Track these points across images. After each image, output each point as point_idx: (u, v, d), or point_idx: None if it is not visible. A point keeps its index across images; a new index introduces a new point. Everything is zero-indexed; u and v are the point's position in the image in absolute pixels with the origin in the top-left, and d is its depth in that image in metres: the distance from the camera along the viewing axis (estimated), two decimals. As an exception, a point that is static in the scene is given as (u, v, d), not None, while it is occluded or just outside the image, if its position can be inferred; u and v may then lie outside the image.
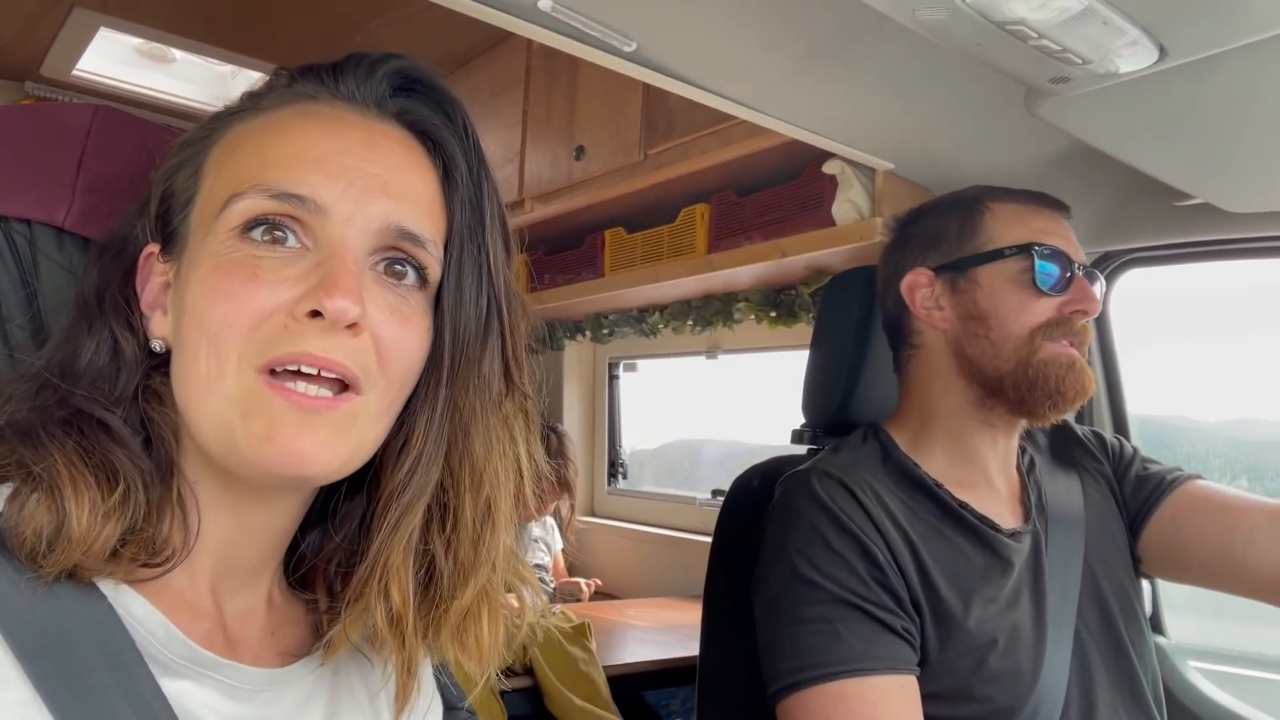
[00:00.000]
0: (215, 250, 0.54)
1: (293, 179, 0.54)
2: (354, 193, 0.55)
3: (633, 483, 3.01)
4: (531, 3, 0.93)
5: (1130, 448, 1.21)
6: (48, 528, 0.48)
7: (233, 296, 0.52)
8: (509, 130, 2.34)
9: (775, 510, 1.07)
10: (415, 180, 0.58)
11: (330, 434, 0.53)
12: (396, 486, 0.58)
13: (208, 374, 0.52)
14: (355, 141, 0.56)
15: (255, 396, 0.51)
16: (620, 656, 1.80)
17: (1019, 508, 1.11)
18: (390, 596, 0.58)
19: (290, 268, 0.53)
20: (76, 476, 0.50)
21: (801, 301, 2.01)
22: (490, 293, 0.60)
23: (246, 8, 2.18)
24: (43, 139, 0.65)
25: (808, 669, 0.93)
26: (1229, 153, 1.03)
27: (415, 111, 0.61)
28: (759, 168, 1.82)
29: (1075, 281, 1.04)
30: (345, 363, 0.53)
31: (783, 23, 0.96)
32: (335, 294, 0.51)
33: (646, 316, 2.53)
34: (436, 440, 0.59)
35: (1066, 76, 0.76)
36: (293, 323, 0.52)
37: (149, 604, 0.53)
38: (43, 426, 0.52)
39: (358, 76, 0.59)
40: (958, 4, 0.64)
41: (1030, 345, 1.02)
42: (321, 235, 0.54)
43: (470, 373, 0.59)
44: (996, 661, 0.97)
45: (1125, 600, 1.09)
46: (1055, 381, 1.01)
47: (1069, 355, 1.02)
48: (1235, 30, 0.66)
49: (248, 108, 0.60)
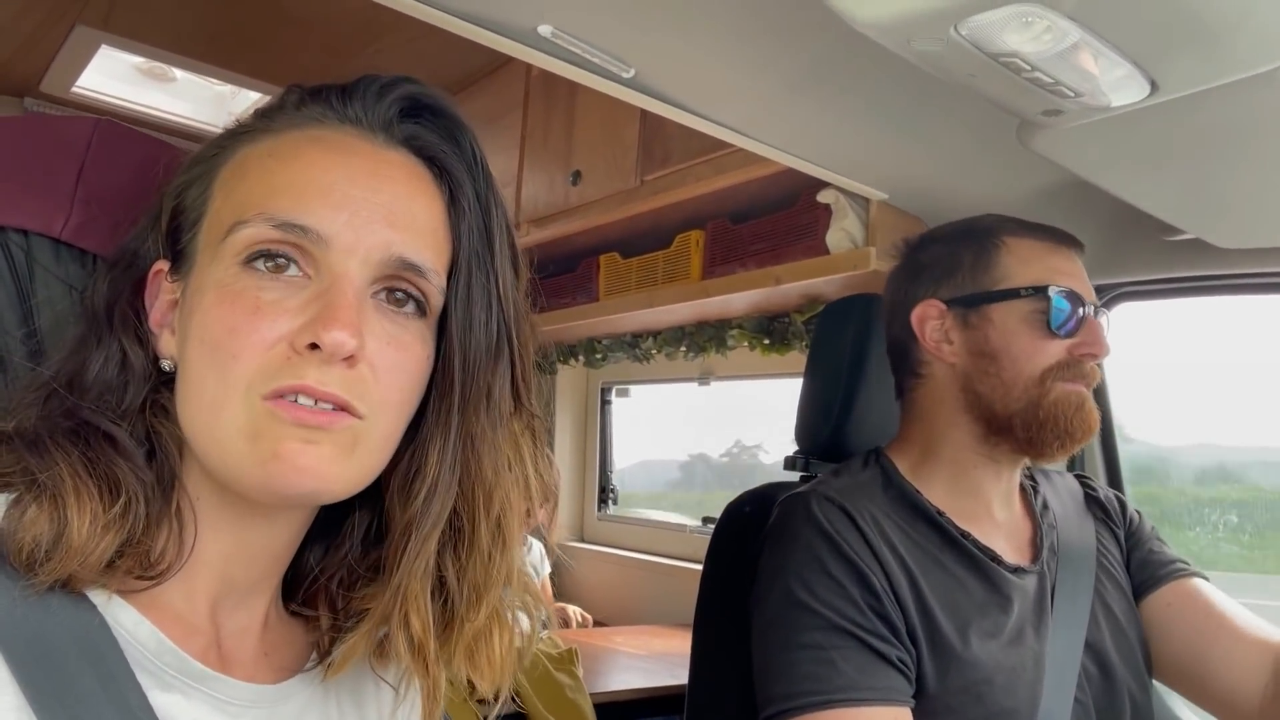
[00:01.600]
0: (220, 279, 0.55)
1: (297, 209, 0.54)
2: (357, 223, 0.55)
3: (623, 507, 3.00)
4: (532, 29, 0.94)
5: (1149, 525, 1.21)
6: (47, 536, 0.49)
7: (237, 330, 0.53)
8: (506, 155, 2.35)
9: (773, 532, 1.06)
10: (420, 209, 0.59)
11: (334, 452, 0.54)
12: (414, 516, 0.59)
13: (214, 402, 0.53)
14: (361, 170, 0.57)
15: (261, 420, 0.52)
16: (607, 684, 1.78)
17: (1028, 547, 1.10)
18: (411, 624, 0.58)
19: (292, 299, 0.54)
20: (80, 486, 0.50)
21: (795, 329, 2.01)
22: (500, 317, 0.61)
23: (248, 29, 2.20)
24: (43, 150, 0.65)
25: (801, 695, 0.92)
26: (1219, 188, 1.04)
27: (423, 138, 0.61)
28: (754, 196, 1.83)
29: (1087, 323, 1.04)
30: (341, 394, 0.53)
31: (778, 51, 0.97)
32: (333, 327, 0.52)
33: (640, 341, 2.53)
34: (451, 467, 0.59)
35: (1059, 109, 0.77)
36: (293, 354, 0.53)
37: (140, 615, 0.53)
38: (49, 436, 0.52)
39: (366, 100, 0.60)
40: (952, 35, 0.65)
41: (1042, 386, 1.02)
42: (323, 265, 0.55)
43: (481, 397, 0.60)
44: (995, 698, 0.96)
45: (1130, 652, 1.08)
46: (1065, 422, 1.01)
47: (1079, 395, 1.03)
48: (1226, 66, 0.67)
49: (257, 128, 0.60)
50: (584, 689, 1.65)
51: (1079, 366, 1.03)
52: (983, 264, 1.08)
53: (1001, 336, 1.04)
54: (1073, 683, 1.01)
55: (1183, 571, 1.13)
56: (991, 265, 1.07)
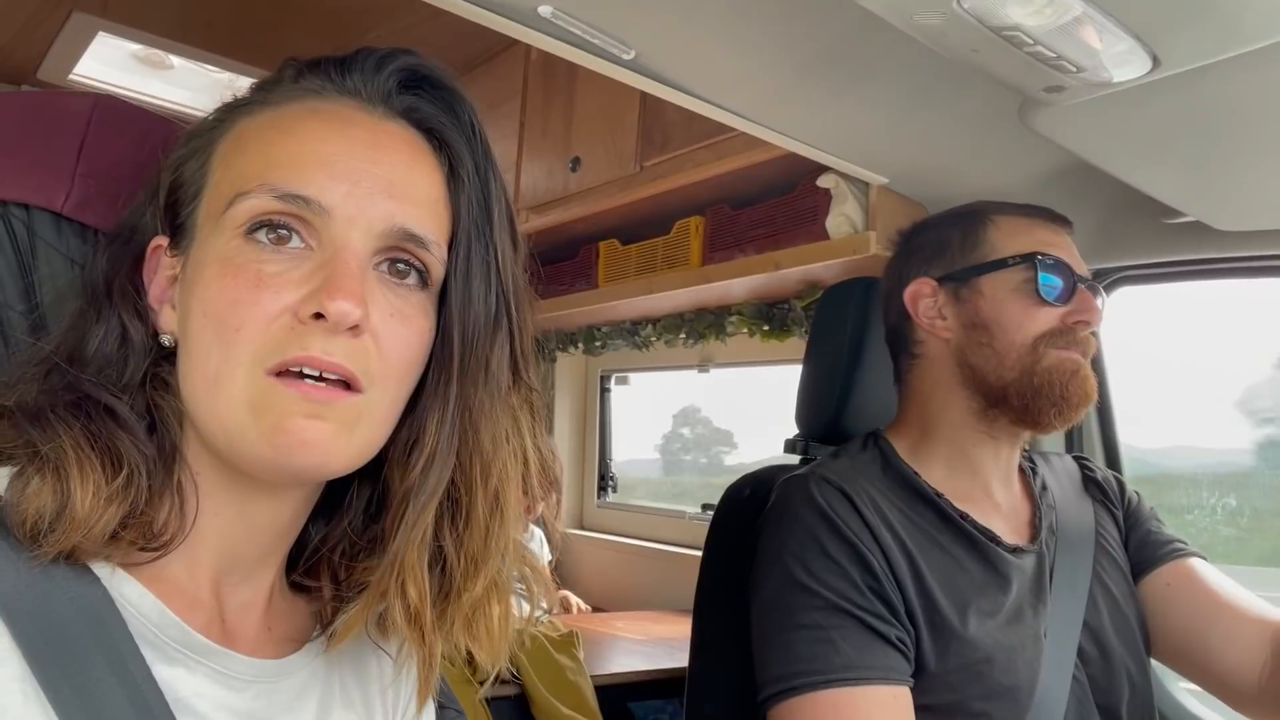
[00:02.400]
0: (221, 252, 0.54)
1: (298, 179, 0.54)
2: (358, 194, 0.55)
3: (623, 496, 3.01)
4: (532, 9, 0.93)
5: (1147, 505, 1.21)
6: (50, 508, 0.49)
7: (240, 302, 0.53)
8: (505, 142, 2.35)
9: (772, 513, 1.06)
10: (420, 180, 0.59)
11: (337, 427, 0.54)
12: (411, 486, 0.59)
13: (218, 376, 0.53)
14: (361, 142, 0.57)
15: (265, 394, 0.52)
16: (608, 667, 1.79)
17: (1026, 528, 1.11)
18: (408, 593, 0.59)
19: (295, 270, 0.54)
20: (82, 459, 0.50)
21: (795, 315, 2.01)
22: (499, 290, 0.61)
23: (245, 16, 2.19)
24: (44, 125, 0.65)
25: (801, 676, 0.93)
26: (1220, 170, 1.04)
27: (422, 109, 0.61)
28: (754, 181, 1.83)
29: (1078, 293, 1.05)
30: (346, 364, 0.53)
31: (780, 35, 0.97)
32: (338, 296, 0.52)
33: (639, 329, 2.53)
34: (449, 438, 0.59)
35: (1061, 85, 0.77)
36: (298, 324, 0.53)
37: (143, 588, 0.53)
38: (51, 409, 0.52)
39: (365, 72, 0.60)
40: (954, 9, 0.64)
41: (1035, 354, 1.02)
42: (325, 236, 0.55)
43: (480, 370, 0.60)
44: (994, 677, 0.96)
45: (1128, 631, 1.09)
46: (1060, 388, 1.01)
47: (1074, 361, 1.03)
48: (1227, 40, 0.67)
49: (255, 100, 0.60)
50: (584, 671, 1.65)
51: (1072, 334, 1.03)
52: (971, 240, 1.10)
53: (992, 306, 1.05)
54: (1071, 662, 1.02)
55: (1181, 551, 1.14)
56: (980, 241, 1.09)
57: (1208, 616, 1.07)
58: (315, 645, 0.64)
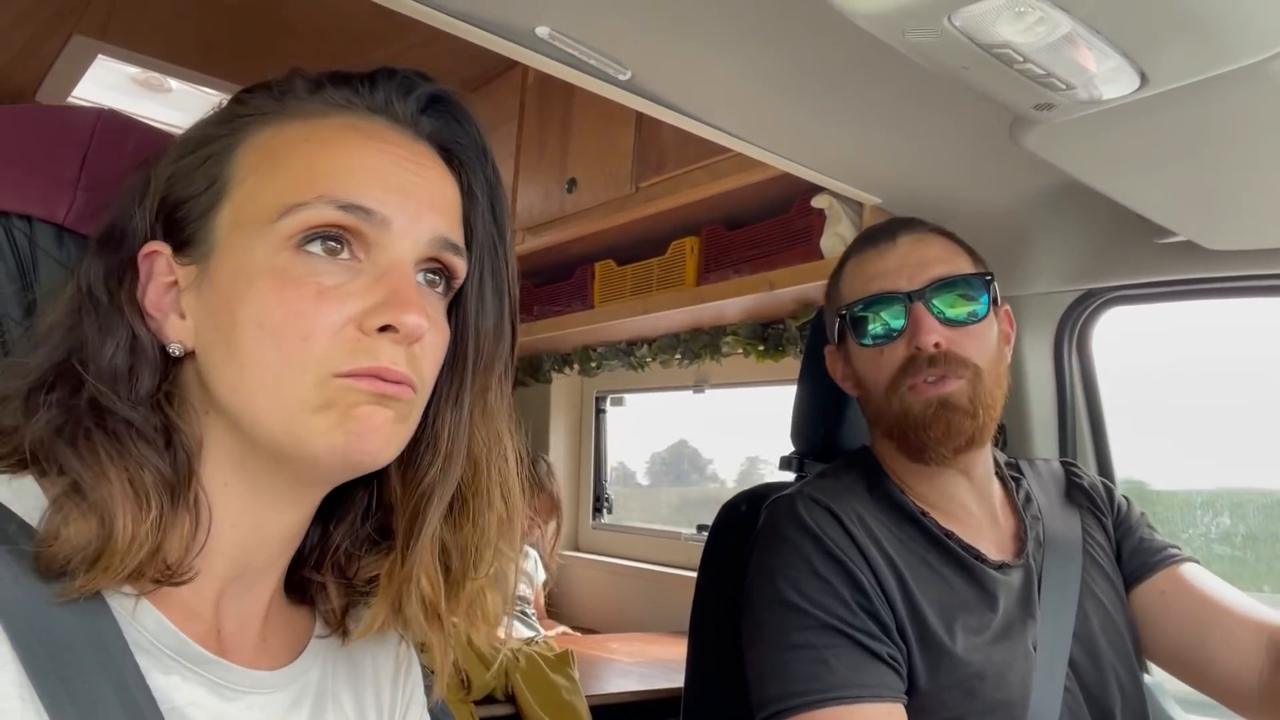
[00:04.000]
0: (272, 264, 0.55)
1: (357, 192, 0.56)
2: (410, 206, 0.57)
3: (618, 517, 3.00)
4: (530, 30, 0.95)
5: (1138, 510, 1.21)
6: (88, 552, 0.49)
7: (303, 314, 0.54)
8: (502, 164, 2.32)
9: (761, 534, 1.07)
10: (450, 195, 0.62)
11: (396, 420, 0.56)
12: (429, 485, 0.61)
13: (279, 378, 0.54)
14: (403, 159, 0.59)
15: (336, 392, 0.54)
16: (603, 688, 1.78)
17: (1012, 542, 1.10)
18: (423, 586, 0.61)
19: (353, 282, 0.55)
20: (126, 502, 0.51)
21: (789, 335, 2.02)
22: (509, 300, 0.65)
23: (243, 40, 2.21)
24: (47, 138, 0.65)
25: (796, 695, 0.93)
26: (1208, 188, 1.05)
27: (444, 133, 0.64)
28: (748, 202, 1.84)
29: (910, 315, 1.03)
30: (409, 373, 0.56)
31: (774, 56, 0.99)
32: (410, 309, 0.54)
33: (634, 349, 2.54)
34: (461, 440, 0.62)
35: (1051, 103, 0.78)
36: (363, 337, 0.54)
37: (141, 597, 0.53)
38: (86, 431, 0.52)
39: (393, 93, 0.62)
40: (946, 27, 0.66)
41: (888, 400, 1.04)
42: (378, 248, 0.56)
43: (490, 374, 0.63)
44: (987, 693, 0.96)
45: (1119, 640, 1.08)
46: (916, 427, 1.02)
47: (927, 396, 1.01)
48: (1213, 57, 0.68)
49: (270, 110, 0.60)
50: (580, 690, 1.64)
51: (916, 363, 1.02)
52: (832, 297, 1.15)
53: (855, 361, 1.11)
54: (1063, 673, 1.02)
55: (1175, 558, 1.13)
56: (836, 296, 1.14)
57: (1205, 621, 1.07)
58: (310, 655, 0.64)
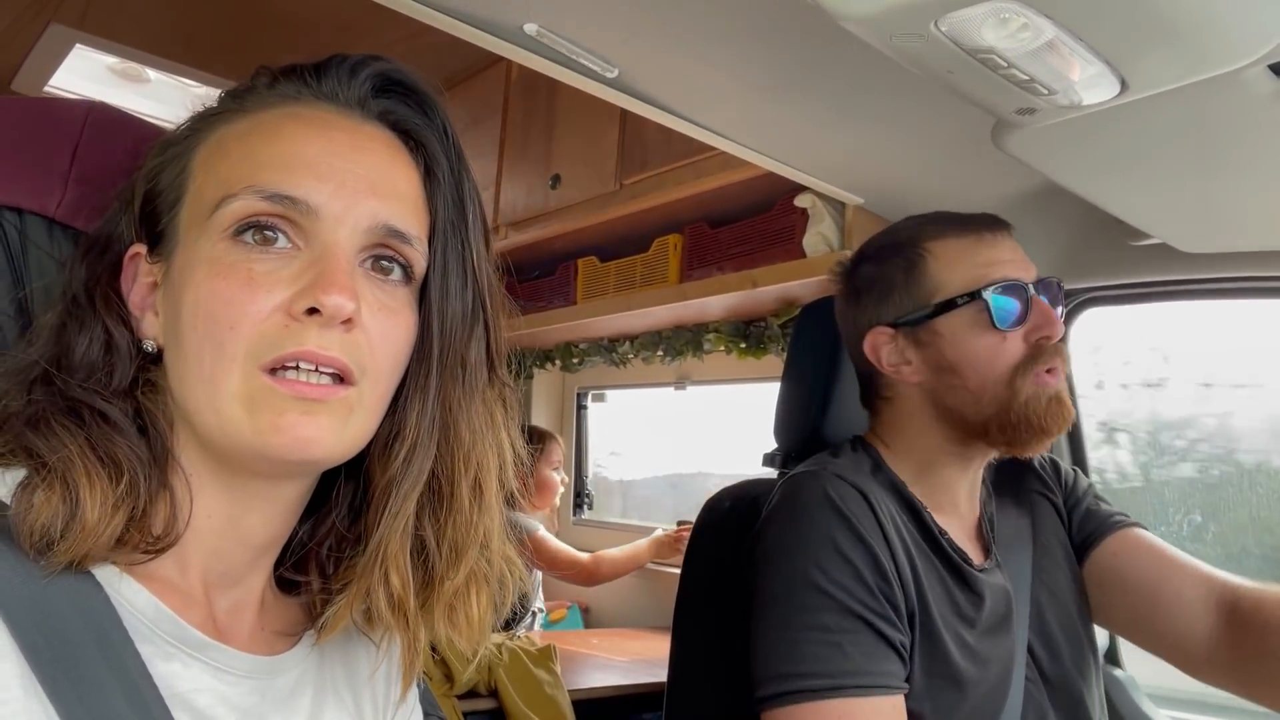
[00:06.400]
0: (209, 254, 0.55)
1: (285, 181, 0.55)
2: (344, 194, 0.56)
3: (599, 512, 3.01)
4: (518, 27, 0.95)
5: (1085, 481, 1.22)
6: (60, 517, 0.49)
7: (231, 301, 0.54)
8: (486, 159, 2.36)
9: (780, 510, 1.03)
10: (400, 179, 0.60)
11: (331, 421, 0.55)
12: (394, 476, 0.60)
13: (212, 374, 0.54)
14: (342, 144, 0.58)
15: (261, 392, 0.53)
16: (585, 682, 1.78)
17: (979, 541, 1.11)
18: (390, 581, 0.60)
19: (284, 269, 0.55)
20: (89, 467, 0.51)
21: (771, 333, 2.04)
22: (474, 286, 0.63)
23: (224, 31, 2.20)
24: (37, 130, 0.65)
25: (806, 678, 0.91)
26: (1185, 192, 1.07)
27: (397, 112, 0.63)
28: (732, 200, 1.86)
29: (1033, 307, 1.02)
30: (342, 357, 0.55)
31: (761, 56, 0.99)
32: (332, 291, 0.53)
33: (617, 346, 2.54)
34: (429, 430, 0.61)
35: (1032, 107, 0.79)
36: (291, 321, 0.54)
37: (138, 584, 0.53)
38: (50, 416, 0.53)
39: (340, 78, 0.61)
40: (932, 31, 0.67)
41: (1010, 389, 1.00)
42: (313, 236, 0.56)
43: (458, 363, 0.62)
44: (974, 692, 0.97)
45: (1073, 632, 1.09)
46: (1040, 419, 1.00)
47: (1050, 388, 1.01)
48: (1191, 65, 0.70)
49: (230, 108, 0.61)
50: (562, 685, 1.65)
51: (1040, 353, 1.01)
52: (914, 279, 1.06)
53: (954, 347, 1.03)
54: (1023, 664, 1.03)
55: (1123, 523, 1.14)
56: (922, 278, 1.06)
57: (1156, 581, 1.08)
58: (308, 641, 0.64)
